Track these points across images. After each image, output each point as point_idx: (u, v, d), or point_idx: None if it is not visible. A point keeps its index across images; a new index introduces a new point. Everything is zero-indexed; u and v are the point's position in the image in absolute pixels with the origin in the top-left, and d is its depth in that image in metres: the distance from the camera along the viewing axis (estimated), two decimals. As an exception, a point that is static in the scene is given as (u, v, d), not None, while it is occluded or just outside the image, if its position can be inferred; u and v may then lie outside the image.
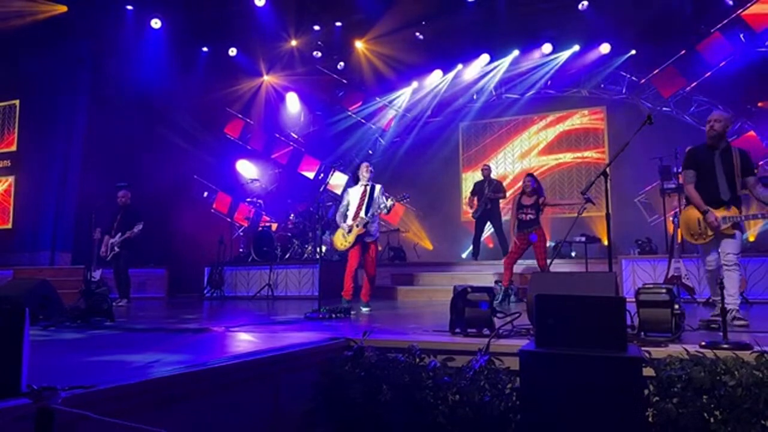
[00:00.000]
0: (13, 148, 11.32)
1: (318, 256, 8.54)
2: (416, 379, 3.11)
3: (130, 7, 10.62)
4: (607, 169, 4.25)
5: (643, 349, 2.96)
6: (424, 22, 11.04)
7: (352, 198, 6.43)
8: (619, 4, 9.91)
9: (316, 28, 11.55)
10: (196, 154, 11.83)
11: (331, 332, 3.99)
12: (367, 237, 6.29)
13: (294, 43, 11.91)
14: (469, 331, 3.63)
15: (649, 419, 2.68)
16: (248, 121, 12.76)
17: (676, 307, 3.42)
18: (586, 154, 11.55)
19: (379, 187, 6.46)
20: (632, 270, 7.63)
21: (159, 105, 10.95)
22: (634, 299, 3.56)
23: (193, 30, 11.15)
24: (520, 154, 12.13)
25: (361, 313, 5.95)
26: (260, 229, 11.00)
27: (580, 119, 11.72)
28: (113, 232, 7.99)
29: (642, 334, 3.41)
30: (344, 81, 12.66)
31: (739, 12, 9.27)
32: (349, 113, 12.61)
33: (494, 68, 11.58)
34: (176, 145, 11.35)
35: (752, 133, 9.66)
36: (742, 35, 9.37)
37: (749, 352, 2.82)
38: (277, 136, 12.96)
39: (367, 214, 6.23)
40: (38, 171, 10.70)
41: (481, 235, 10.05)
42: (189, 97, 11.31)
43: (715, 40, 9.52)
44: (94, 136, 10.33)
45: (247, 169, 12.62)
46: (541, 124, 12.03)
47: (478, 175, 10.44)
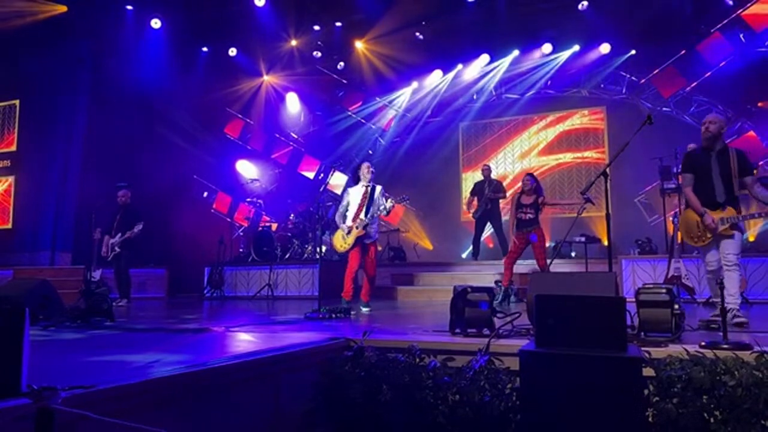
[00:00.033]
0: (13, 148, 11.32)
1: (318, 256, 8.54)
2: (416, 379, 3.11)
3: (130, 7, 10.62)
4: (607, 170, 4.27)
5: (643, 349, 2.96)
6: (424, 22, 11.04)
7: (353, 198, 6.40)
8: (619, 4, 9.91)
9: (316, 28, 11.55)
10: (196, 154, 11.82)
11: (331, 332, 3.99)
12: (367, 239, 6.27)
13: (294, 43, 11.91)
14: (469, 331, 3.63)
15: (649, 419, 2.68)
16: (248, 121, 12.76)
17: (676, 307, 3.42)
18: (586, 154, 11.55)
19: (379, 188, 6.44)
20: (632, 270, 7.63)
21: (159, 105, 10.94)
22: (634, 299, 3.56)
23: (193, 30, 11.15)
24: (520, 154, 12.13)
25: (361, 313, 5.95)
26: (260, 229, 11.00)
27: (580, 119, 11.72)
28: (113, 232, 7.99)
29: (642, 334, 3.42)
30: (344, 81, 12.66)
31: (739, 12, 9.27)
32: (349, 113, 12.61)
33: (494, 68, 11.58)
34: (176, 145, 11.34)
35: (752, 134, 9.66)
36: (742, 35, 9.37)
37: (749, 352, 2.82)
38: (277, 136, 12.96)
39: (367, 216, 6.22)
40: (38, 171, 10.70)
41: (481, 235, 10.06)
42: (189, 97, 11.31)
43: (715, 40, 9.52)
44: (94, 136, 10.33)
45: (247, 169, 12.62)
46: (541, 124, 12.03)
47: (478, 175, 10.44)
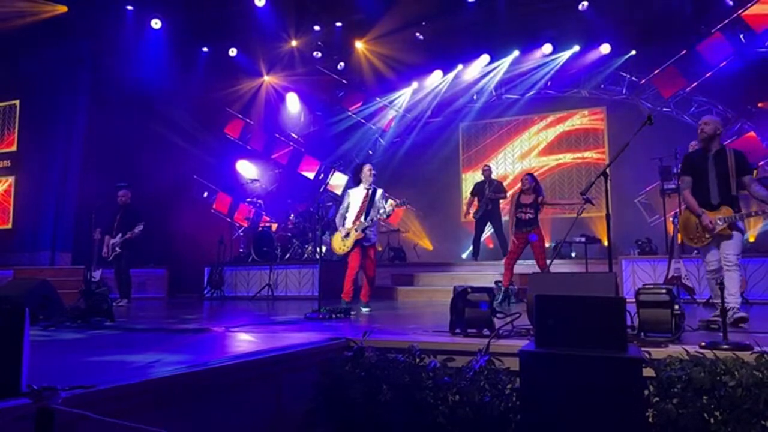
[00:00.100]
0: (13, 148, 11.33)
1: (318, 257, 8.54)
2: (416, 380, 3.10)
3: (130, 7, 10.62)
4: (607, 170, 4.28)
5: (643, 349, 2.96)
6: (424, 23, 11.04)
7: (353, 200, 6.38)
8: (619, 4, 9.92)
9: (316, 28, 11.55)
10: (196, 154, 11.83)
11: (332, 332, 3.99)
12: (366, 241, 6.25)
13: (294, 43, 11.91)
14: (469, 331, 3.63)
15: (649, 420, 2.68)
16: (248, 121, 12.76)
17: (676, 307, 3.42)
18: (586, 154, 11.55)
19: (380, 191, 6.43)
20: (632, 270, 7.63)
21: (159, 105, 10.95)
22: (634, 300, 3.56)
23: (193, 30, 11.15)
24: (521, 155, 12.13)
25: (361, 314, 5.95)
26: (260, 229, 10.99)
27: (580, 120, 11.72)
28: (113, 232, 7.99)
29: (642, 334, 3.41)
30: (344, 81, 12.66)
31: (739, 12, 9.27)
32: (350, 113, 12.61)
33: (494, 68, 11.59)
34: (176, 145, 11.35)
35: (752, 134, 9.66)
36: (742, 35, 9.37)
37: (749, 353, 2.82)
38: (277, 136, 12.97)
39: (367, 219, 6.21)
40: (38, 171, 10.71)
41: (481, 235, 10.06)
42: (189, 97, 11.31)
43: (716, 40, 9.51)
44: (94, 136, 10.34)
45: (247, 169, 12.62)
46: (542, 124, 12.03)
47: (478, 176, 10.44)
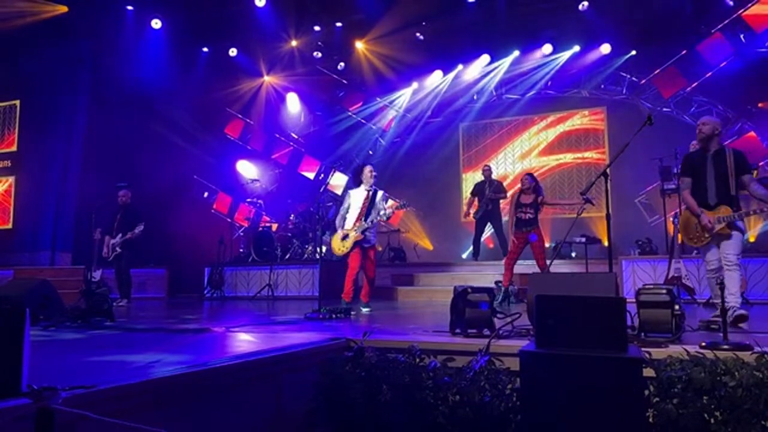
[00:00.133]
0: (14, 148, 11.34)
1: (318, 257, 8.54)
2: (416, 380, 3.10)
3: (130, 7, 10.62)
4: (608, 170, 4.28)
5: (644, 349, 2.96)
6: (424, 23, 11.04)
7: (354, 201, 6.37)
8: (619, 4, 9.91)
9: (317, 28, 11.55)
10: (196, 154, 11.83)
11: (332, 332, 3.99)
12: (365, 243, 6.25)
13: (294, 43, 11.91)
14: (470, 331, 3.63)
15: (650, 420, 2.68)
16: (248, 121, 12.76)
17: (677, 307, 3.42)
18: (587, 154, 11.55)
19: (381, 193, 6.43)
20: (632, 271, 7.62)
21: (159, 105, 10.95)
22: (634, 300, 3.56)
23: (193, 30, 11.15)
24: (521, 155, 12.13)
25: (361, 314, 5.95)
26: (260, 229, 10.99)
27: (580, 120, 11.72)
28: (114, 232, 7.99)
29: (642, 334, 3.41)
30: (344, 81, 12.66)
31: (740, 12, 9.27)
32: (350, 113, 12.61)
33: (494, 69, 11.59)
34: (176, 145, 11.35)
35: (752, 134, 9.66)
36: (742, 35, 9.37)
37: (749, 353, 2.82)
38: (277, 136, 12.97)
39: (367, 220, 6.21)
40: (38, 171, 10.71)
41: (482, 235, 10.06)
42: (189, 97, 11.31)
43: (716, 40, 9.51)
44: (94, 136, 10.34)
45: (247, 170, 12.62)
46: (542, 124, 12.03)
47: (478, 176, 10.43)
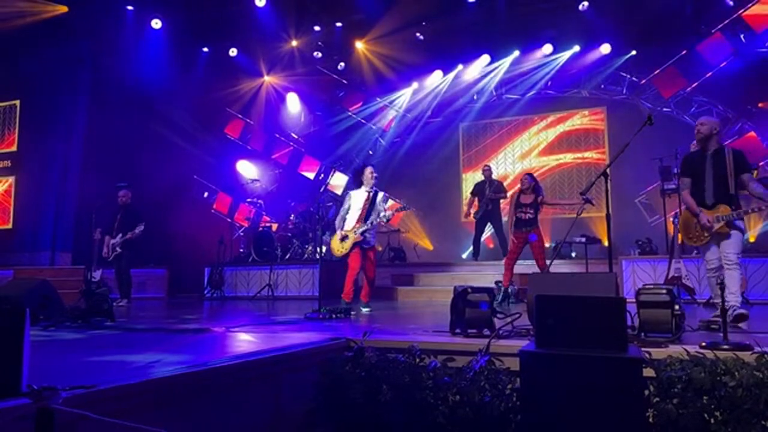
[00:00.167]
0: (14, 149, 11.34)
1: (318, 257, 8.54)
2: (416, 380, 3.10)
3: (130, 7, 10.62)
4: (608, 170, 4.28)
5: (644, 349, 2.96)
6: (424, 23, 11.03)
7: (354, 203, 6.37)
8: (619, 4, 9.91)
9: (317, 28, 11.55)
10: (196, 154, 11.83)
11: (332, 332, 3.99)
12: (364, 244, 6.24)
13: (294, 43, 11.91)
14: (470, 331, 3.63)
15: (650, 420, 2.68)
16: (248, 121, 12.75)
17: (677, 307, 3.42)
18: (587, 154, 11.55)
19: (381, 194, 6.42)
20: (632, 271, 7.62)
21: (159, 105, 10.95)
22: (634, 300, 3.56)
23: (193, 30, 11.15)
24: (521, 155, 12.13)
25: (361, 314, 5.95)
26: (260, 229, 10.99)
27: (580, 120, 11.72)
28: (114, 233, 7.98)
29: (642, 334, 3.41)
30: (344, 81, 12.66)
31: (740, 12, 9.26)
32: (350, 113, 12.61)
33: (494, 69, 11.59)
34: (176, 145, 11.35)
35: (752, 134, 9.66)
36: (742, 35, 9.37)
37: (749, 353, 2.82)
38: (278, 136, 12.96)
39: (366, 222, 6.21)
40: (38, 171, 10.71)
41: (482, 235, 10.06)
42: (189, 97, 11.30)
43: (716, 40, 9.51)
44: (94, 136, 10.33)
45: (248, 170, 12.62)
46: (542, 124, 12.03)
47: (478, 176, 10.43)
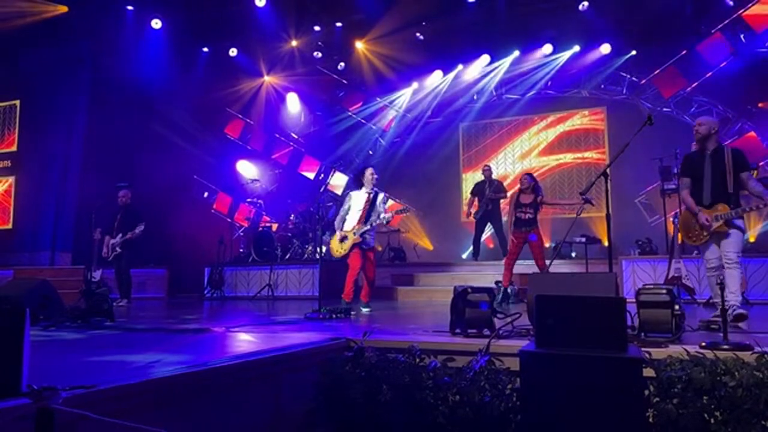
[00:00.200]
0: (14, 148, 11.34)
1: (318, 257, 8.54)
2: (416, 380, 3.10)
3: (130, 7, 10.61)
4: (608, 170, 4.28)
5: (644, 349, 2.96)
6: (424, 23, 11.03)
7: (354, 204, 6.35)
8: (619, 4, 9.91)
9: (317, 28, 11.55)
10: (196, 154, 11.82)
11: (332, 332, 3.99)
12: (364, 245, 6.23)
13: (294, 43, 11.91)
14: (470, 331, 3.63)
15: (650, 420, 2.68)
16: (248, 121, 12.75)
17: (677, 307, 3.42)
18: (587, 154, 11.55)
19: (381, 195, 6.41)
20: (632, 271, 7.62)
21: (159, 105, 10.95)
22: (634, 300, 3.56)
23: (193, 30, 11.14)
24: (521, 155, 12.13)
25: (361, 314, 5.95)
26: (260, 229, 10.99)
27: (580, 120, 11.72)
28: (114, 233, 7.98)
29: (642, 334, 3.41)
30: (344, 81, 12.66)
31: (739, 12, 9.26)
32: (350, 113, 12.61)
33: (494, 69, 11.58)
34: (176, 145, 11.34)
35: (752, 134, 9.66)
36: (742, 35, 9.37)
37: (749, 353, 2.82)
38: (278, 136, 12.96)
39: (366, 223, 6.20)
40: (38, 171, 10.71)
41: (482, 235, 10.06)
42: (189, 97, 11.31)
43: (715, 40, 9.51)
44: (94, 136, 10.33)
45: (247, 170, 12.62)
46: (542, 124, 12.03)
47: (478, 176, 10.43)
